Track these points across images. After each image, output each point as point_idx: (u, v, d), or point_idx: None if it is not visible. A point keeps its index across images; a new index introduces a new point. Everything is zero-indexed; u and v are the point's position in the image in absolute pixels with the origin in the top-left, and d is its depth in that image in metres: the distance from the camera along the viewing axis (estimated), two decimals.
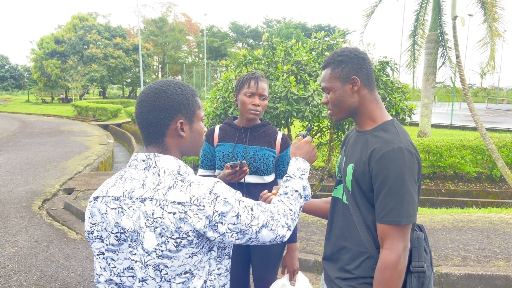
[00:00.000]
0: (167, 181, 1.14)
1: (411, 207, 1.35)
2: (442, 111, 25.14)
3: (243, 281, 2.30)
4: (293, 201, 1.36)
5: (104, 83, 40.54)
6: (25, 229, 5.17)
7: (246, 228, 1.15)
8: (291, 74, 4.77)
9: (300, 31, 39.96)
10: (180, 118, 1.20)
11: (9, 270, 3.98)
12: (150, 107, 1.18)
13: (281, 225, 1.25)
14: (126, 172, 1.22)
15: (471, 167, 8.40)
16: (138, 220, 1.12)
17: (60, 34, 40.21)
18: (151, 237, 1.10)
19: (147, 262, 1.13)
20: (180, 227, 1.09)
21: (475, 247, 4.10)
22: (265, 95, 2.11)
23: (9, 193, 6.83)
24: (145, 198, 1.12)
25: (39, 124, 20.69)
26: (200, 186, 1.13)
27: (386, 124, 1.48)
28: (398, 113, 5.13)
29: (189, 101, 1.22)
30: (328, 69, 1.53)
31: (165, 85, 1.21)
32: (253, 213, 1.18)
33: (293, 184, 1.42)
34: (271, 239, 1.22)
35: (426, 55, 12.48)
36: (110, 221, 1.18)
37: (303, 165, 1.51)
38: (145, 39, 43.32)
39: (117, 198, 1.17)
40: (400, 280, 1.37)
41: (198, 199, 1.10)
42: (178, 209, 1.09)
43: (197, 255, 1.14)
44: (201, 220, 1.09)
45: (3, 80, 41.50)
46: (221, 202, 1.11)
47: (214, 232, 1.11)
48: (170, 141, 1.21)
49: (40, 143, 12.97)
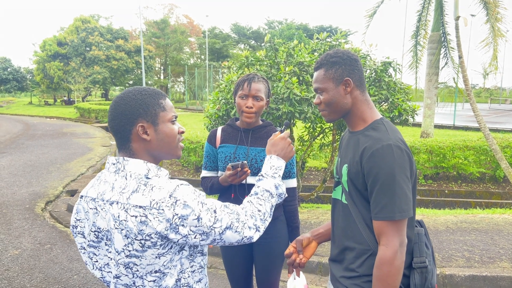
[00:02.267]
0: (131, 185, 1.18)
1: (403, 202, 1.36)
2: (445, 112, 25.07)
3: (246, 280, 2.30)
4: (262, 202, 1.36)
5: (107, 85, 40.60)
6: (28, 231, 5.18)
7: (209, 230, 1.17)
8: (294, 75, 4.77)
9: (302, 32, 39.93)
10: (140, 122, 1.23)
11: (13, 272, 3.99)
12: (113, 115, 1.24)
13: (247, 226, 1.26)
14: (102, 174, 1.29)
15: (475, 168, 8.37)
16: (109, 221, 1.19)
17: (62, 36, 40.31)
18: (119, 238, 1.16)
19: (118, 261, 1.19)
20: (142, 230, 1.13)
21: (479, 248, 4.08)
22: (260, 96, 2.09)
23: (12, 195, 6.84)
24: (112, 201, 1.19)
25: (42, 126, 20.74)
26: (161, 190, 1.15)
27: (376, 123, 1.51)
28: (401, 113, 5.11)
29: (149, 104, 1.24)
30: (322, 70, 1.54)
31: (126, 93, 1.26)
32: (216, 216, 1.19)
33: (264, 184, 1.42)
34: (237, 240, 1.24)
35: (429, 56, 12.45)
36: (90, 219, 1.26)
37: (276, 162, 1.49)
38: (147, 41, 43.40)
39: (93, 199, 1.25)
40: (398, 276, 1.38)
41: (158, 203, 1.13)
42: (139, 212, 1.13)
43: (165, 256, 1.18)
44: (162, 223, 1.12)
45: (6, 82, 41.62)
46: (180, 206, 1.14)
47: (176, 234, 1.14)
48: (135, 145, 1.25)
49: (43, 145, 13.00)
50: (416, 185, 1.48)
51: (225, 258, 2.29)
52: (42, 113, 31.25)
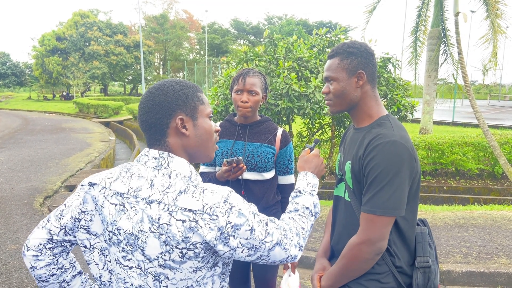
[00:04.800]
0: (178, 185, 1.05)
1: (391, 200, 1.33)
2: (444, 108, 25.07)
3: (244, 278, 2.30)
4: (304, 219, 1.28)
5: (106, 80, 40.55)
6: (26, 226, 5.18)
7: (260, 244, 1.07)
8: (293, 70, 4.75)
9: (302, 28, 39.84)
10: (179, 115, 1.11)
11: (11, 267, 3.99)
12: (148, 107, 1.11)
13: (293, 244, 1.16)
14: (133, 166, 1.13)
15: (473, 164, 8.38)
16: (140, 222, 1.04)
17: (61, 31, 40.18)
18: (155, 244, 1.02)
19: (147, 270, 1.05)
20: (188, 237, 1.00)
21: (477, 244, 4.09)
22: (255, 90, 2.07)
23: (11, 190, 6.84)
24: (152, 200, 1.04)
25: (40, 121, 20.71)
26: (214, 194, 1.04)
27: (381, 119, 1.48)
28: (400, 110, 5.11)
29: (188, 96, 1.13)
30: (336, 58, 1.51)
31: (162, 84, 1.14)
32: (268, 229, 1.09)
33: (303, 201, 1.34)
34: (282, 258, 1.14)
35: (428, 52, 12.43)
36: (106, 216, 1.10)
37: (312, 180, 1.44)
38: (146, 36, 43.28)
39: (120, 194, 1.08)
40: (358, 267, 1.40)
41: (212, 207, 1.01)
42: (188, 217, 1.01)
43: (201, 270, 1.06)
44: (213, 231, 1.01)
45: (5, 77, 41.52)
46: (235, 213, 1.03)
47: (224, 245, 1.03)
48: (172, 141, 1.12)
49: (42, 140, 12.98)
50: (419, 185, 1.45)
51: None
52: (41, 108, 31.20)
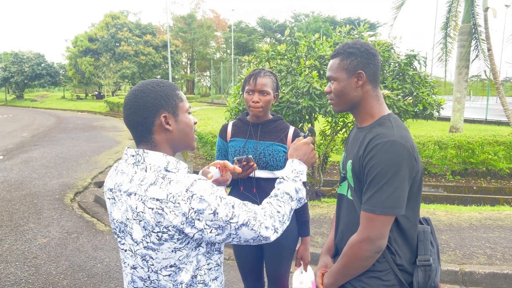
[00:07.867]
0: (149, 178, 1.20)
1: (390, 199, 1.35)
2: (477, 106, 24.25)
3: (257, 274, 2.34)
4: (282, 204, 1.35)
5: (135, 80, 41.36)
6: (57, 220, 5.40)
7: (225, 224, 1.18)
8: (314, 69, 4.74)
9: (329, 25, 39.38)
10: (163, 113, 1.24)
11: (40, 259, 4.18)
12: (133, 108, 1.24)
13: (264, 226, 1.25)
14: (119, 164, 1.31)
15: (505, 164, 8.09)
16: (126, 212, 1.23)
17: (93, 32, 41.30)
18: (138, 229, 1.20)
19: (136, 252, 1.23)
20: (159, 222, 1.15)
21: (502, 246, 3.97)
22: (266, 90, 2.10)
23: (44, 186, 7.14)
24: (130, 192, 1.21)
25: (73, 119, 21.45)
26: (178, 183, 1.16)
27: (383, 119, 1.49)
28: (426, 108, 4.99)
29: (169, 96, 1.26)
30: (337, 59, 1.53)
31: (143, 85, 1.27)
32: (234, 211, 1.20)
33: (284, 186, 1.41)
34: (252, 237, 1.24)
35: (459, 48, 12.07)
36: (108, 209, 1.33)
37: (298, 167, 1.48)
38: (174, 35, 43.90)
39: (110, 189, 1.29)
40: (359, 264, 1.43)
41: (174, 196, 1.14)
42: (156, 205, 1.15)
43: (181, 251, 1.20)
44: (178, 217, 1.14)
45: (40, 77, 42.98)
46: (196, 200, 1.14)
47: (192, 228, 1.16)
48: (158, 137, 1.26)
49: (74, 138, 13.45)
50: (421, 184, 1.45)
51: (236, 253, 2.33)
52: (74, 107, 32.24)
